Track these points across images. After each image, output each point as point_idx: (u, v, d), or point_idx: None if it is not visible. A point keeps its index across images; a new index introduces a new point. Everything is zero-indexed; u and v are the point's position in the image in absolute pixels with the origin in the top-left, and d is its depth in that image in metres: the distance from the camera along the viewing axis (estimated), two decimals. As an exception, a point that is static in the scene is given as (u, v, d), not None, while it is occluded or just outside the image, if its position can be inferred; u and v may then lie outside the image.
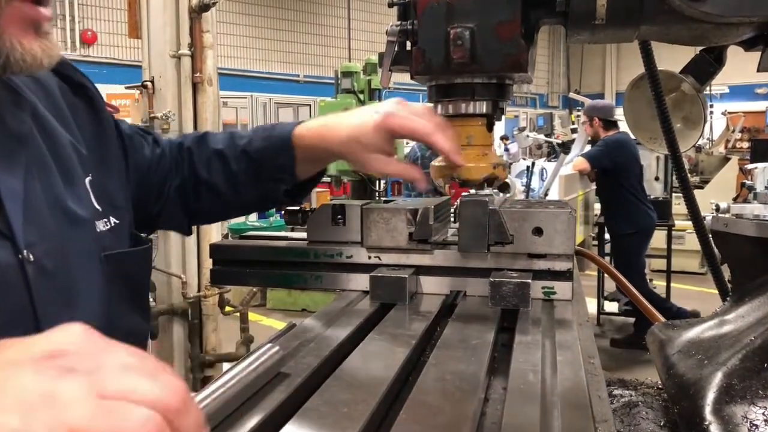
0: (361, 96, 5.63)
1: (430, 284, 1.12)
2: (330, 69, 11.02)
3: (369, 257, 1.14)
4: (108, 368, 0.42)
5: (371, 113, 1.10)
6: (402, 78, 1.19)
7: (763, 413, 0.73)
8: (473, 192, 1.14)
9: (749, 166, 7.34)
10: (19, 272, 0.78)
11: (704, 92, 1.35)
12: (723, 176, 10.03)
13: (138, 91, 4.05)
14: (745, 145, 13.80)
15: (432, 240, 1.12)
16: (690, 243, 7.96)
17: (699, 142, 6.50)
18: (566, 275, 1.06)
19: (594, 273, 6.57)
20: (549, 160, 8.05)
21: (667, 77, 1.43)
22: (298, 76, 16.24)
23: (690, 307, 5.74)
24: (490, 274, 1.03)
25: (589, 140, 6.26)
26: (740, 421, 0.73)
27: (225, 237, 1.24)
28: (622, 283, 1.53)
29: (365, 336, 0.89)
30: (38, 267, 0.80)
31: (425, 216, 1.11)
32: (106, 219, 0.96)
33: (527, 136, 7.29)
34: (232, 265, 1.24)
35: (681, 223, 6.94)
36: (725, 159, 10.75)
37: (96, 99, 1.05)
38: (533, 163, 6.94)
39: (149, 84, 3.91)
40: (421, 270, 1.12)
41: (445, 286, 1.12)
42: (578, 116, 7.62)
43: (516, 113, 19.60)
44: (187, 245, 3.93)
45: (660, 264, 6.97)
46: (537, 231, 1.06)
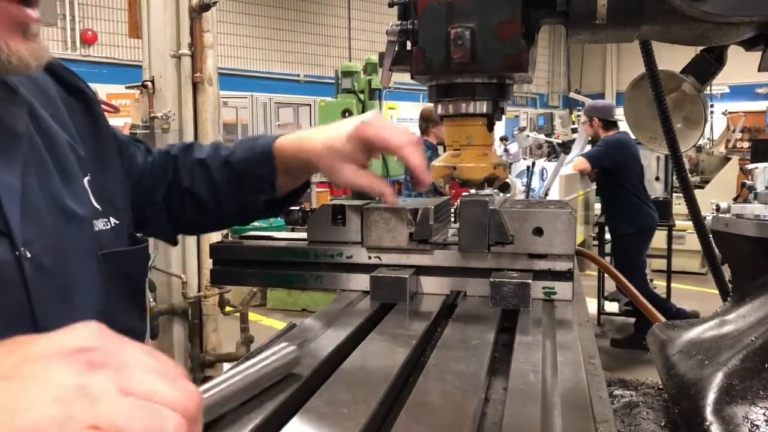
0: (362, 96, 5.62)
1: (431, 284, 1.12)
2: (330, 69, 11.03)
3: (369, 257, 1.14)
4: (132, 367, 0.42)
5: (349, 123, 1.11)
6: (402, 78, 1.19)
7: (764, 413, 0.73)
8: (473, 192, 1.14)
9: (750, 166, 7.35)
10: (17, 269, 0.78)
11: (705, 92, 1.35)
12: (723, 176, 10.03)
13: (138, 91, 4.05)
14: (746, 145, 13.80)
15: (432, 240, 1.12)
16: (690, 243, 7.98)
17: (699, 142, 6.50)
18: (567, 275, 1.06)
19: (594, 273, 6.57)
20: (549, 160, 8.05)
21: (668, 77, 1.43)
22: (299, 76, 16.24)
23: (690, 308, 5.74)
24: (491, 275, 1.03)
25: (590, 140, 6.26)
26: (741, 422, 0.73)
27: (225, 237, 1.24)
28: (623, 283, 1.53)
29: (365, 336, 0.89)
30: (36, 264, 0.80)
31: (425, 216, 1.11)
32: (106, 219, 0.95)
33: (527, 136, 7.28)
34: (233, 265, 1.24)
35: (681, 223, 6.94)
36: (726, 159, 10.75)
37: (93, 104, 1.05)
38: (533, 163, 6.94)
39: (149, 84, 3.92)
40: (422, 270, 1.12)
41: (446, 287, 1.12)
42: (578, 116, 7.62)
43: (516, 113, 19.59)
44: (188, 245, 3.94)
45: (660, 264, 6.97)
46: (537, 231, 1.06)
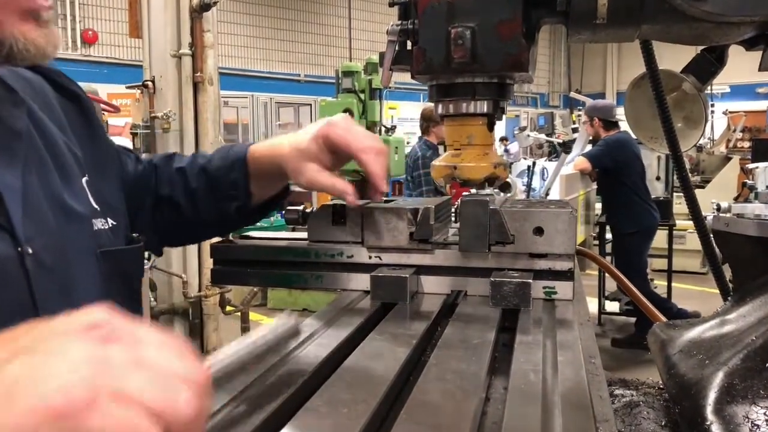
0: (362, 95, 5.61)
1: (431, 284, 1.12)
2: (331, 68, 11.02)
3: (370, 257, 1.14)
4: (144, 342, 0.43)
5: (316, 125, 1.11)
6: (403, 77, 1.19)
7: (765, 413, 0.73)
8: (474, 192, 1.14)
9: (750, 166, 7.32)
10: (19, 265, 0.78)
11: (705, 92, 1.35)
12: (724, 176, 10.02)
13: (139, 91, 4.06)
14: (746, 145, 13.77)
15: (433, 240, 1.12)
16: (691, 243, 7.98)
17: (700, 142, 6.50)
18: (567, 275, 1.06)
19: (595, 273, 6.57)
20: (550, 160, 8.05)
21: (668, 77, 1.43)
22: (299, 76, 16.24)
23: (691, 307, 5.73)
24: (491, 274, 1.03)
25: (590, 140, 6.26)
26: (741, 421, 0.73)
27: (226, 237, 1.24)
28: (623, 283, 1.53)
29: (366, 336, 0.89)
30: (37, 261, 0.80)
31: (426, 216, 1.11)
32: (104, 219, 0.96)
33: (528, 136, 7.27)
34: (233, 265, 1.24)
35: (682, 223, 6.94)
36: (726, 158, 10.74)
37: (90, 110, 1.06)
38: (534, 163, 6.93)
39: (150, 84, 3.92)
40: (422, 270, 1.12)
41: (446, 286, 1.12)
42: (579, 116, 7.61)
43: (517, 113, 19.59)
44: (188, 245, 3.94)
45: (661, 264, 6.97)
46: (538, 231, 1.05)
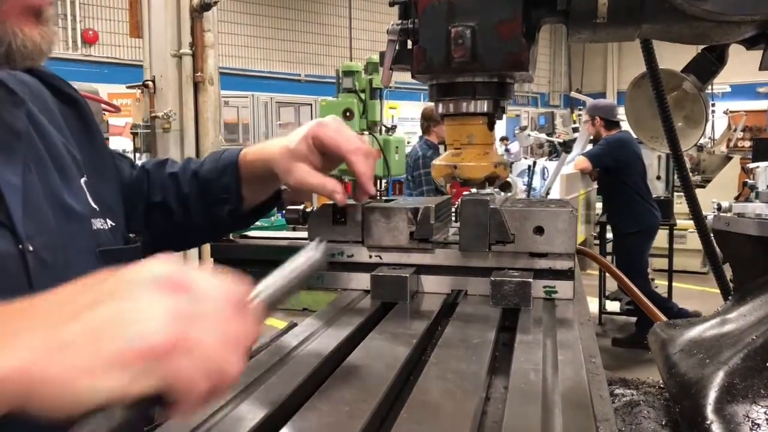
0: (363, 95, 5.60)
1: (431, 283, 1.12)
2: (331, 68, 11.03)
3: (370, 256, 1.14)
4: (208, 293, 0.50)
5: (306, 126, 1.10)
6: (403, 77, 1.19)
7: (765, 412, 0.73)
8: (474, 191, 1.14)
9: (751, 165, 7.29)
10: (20, 263, 0.78)
11: (706, 91, 1.35)
12: (725, 175, 10.01)
13: (139, 91, 4.06)
14: (747, 144, 13.75)
15: (433, 239, 1.12)
16: (691, 242, 7.97)
17: (700, 141, 6.50)
18: (567, 274, 1.06)
19: (595, 272, 6.56)
20: (550, 159, 8.04)
21: (669, 76, 1.43)
22: (300, 76, 16.24)
23: (692, 307, 5.73)
24: (491, 274, 1.03)
25: (591, 139, 6.25)
26: (742, 421, 0.73)
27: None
28: (624, 283, 1.53)
29: (366, 335, 0.89)
30: (38, 258, 0.80)
31: (426, 215, 1.11)
32: (103, 219, 0.96)
33: (528, 135, 7.27)
34: (233, 264, 1.24)
35: (682, 223, 6.93)
36: (727, 158, 10.73)
37: (87, 114, 1.06)
38: (534, 162, 6.93)
39: (150, 83, 3.92)
40: (422, 269, 1.12)
41: (446, 286, 1.12)
42: (580, 115, 7.61)
43: (517, 112, 19.57)
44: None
45: (662, 263, 6.96)
46: (538, 230, 1.06)
